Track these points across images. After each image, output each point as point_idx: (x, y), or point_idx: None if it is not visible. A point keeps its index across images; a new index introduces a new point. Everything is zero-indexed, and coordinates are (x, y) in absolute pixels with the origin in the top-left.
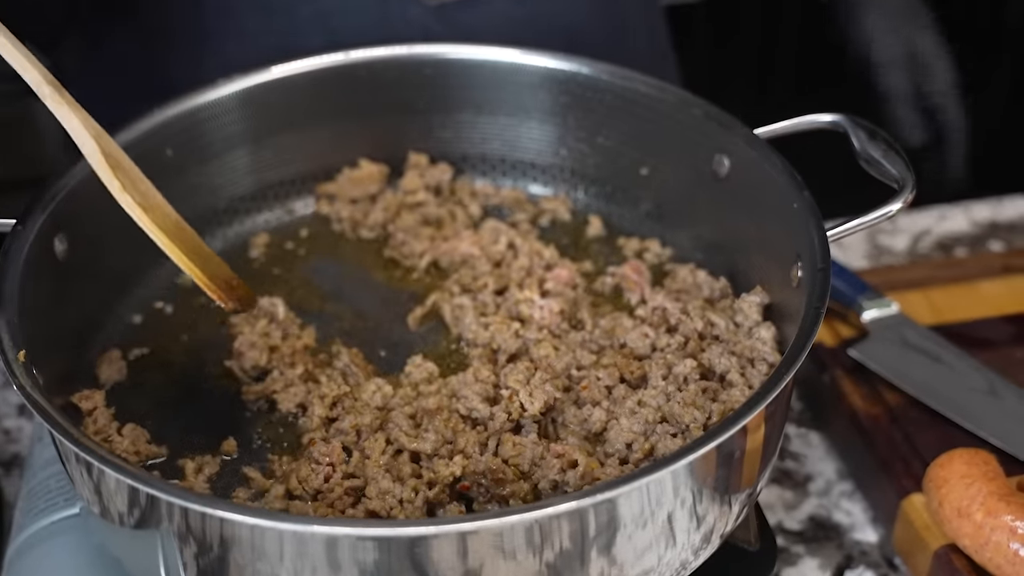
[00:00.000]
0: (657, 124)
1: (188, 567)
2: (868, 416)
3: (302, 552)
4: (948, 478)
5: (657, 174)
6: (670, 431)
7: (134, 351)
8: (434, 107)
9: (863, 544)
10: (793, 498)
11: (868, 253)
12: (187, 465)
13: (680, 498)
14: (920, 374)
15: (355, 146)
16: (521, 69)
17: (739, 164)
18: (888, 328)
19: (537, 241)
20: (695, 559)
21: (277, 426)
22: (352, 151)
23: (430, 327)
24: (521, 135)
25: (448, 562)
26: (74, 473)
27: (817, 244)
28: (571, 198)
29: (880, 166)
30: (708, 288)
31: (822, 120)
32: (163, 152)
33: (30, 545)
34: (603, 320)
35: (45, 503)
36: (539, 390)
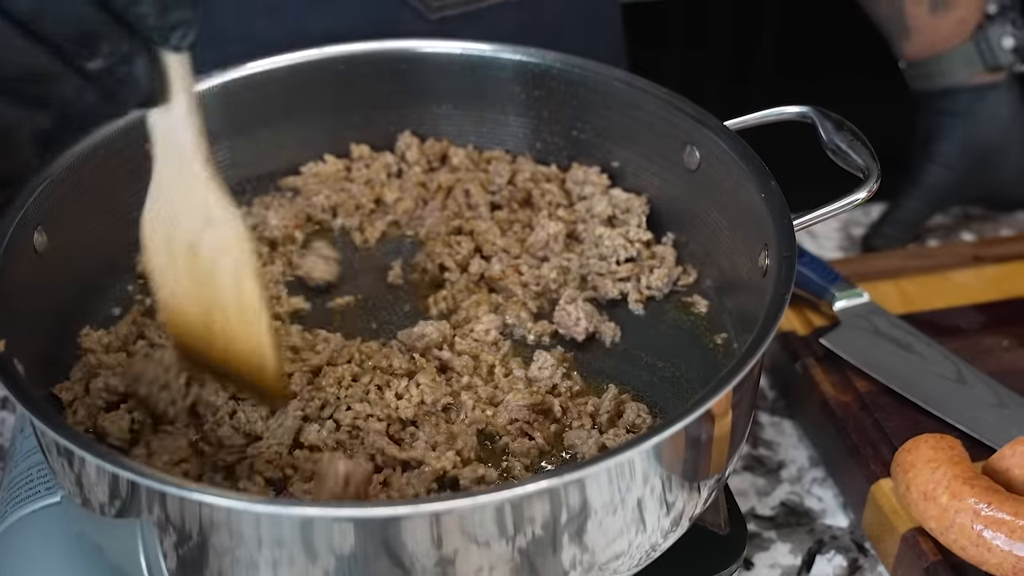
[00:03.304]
0: (629, 117)
1: (168, 556)
2: (839, 403)
3: (278, 537)
4: (915, 462)
5: (629, 166)
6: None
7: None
8: (411, 101)
9: (834, 529)
10: (766, 485)
11: (841, 244)
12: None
13: (648, 481)
14: (890, 361)
15: (332, 141)
16: (495, 63)
17: (709, 155)
18: (859, 317)
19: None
20: (664, 541)
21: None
22: (328, 146)
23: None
24: (497, 128)
25: (422, 547)
26: (54, 463)
27: (783, 232)
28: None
29: (846, 156)
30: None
31: (790, 111)
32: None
33: (12, 533)
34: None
35: (27, 492)
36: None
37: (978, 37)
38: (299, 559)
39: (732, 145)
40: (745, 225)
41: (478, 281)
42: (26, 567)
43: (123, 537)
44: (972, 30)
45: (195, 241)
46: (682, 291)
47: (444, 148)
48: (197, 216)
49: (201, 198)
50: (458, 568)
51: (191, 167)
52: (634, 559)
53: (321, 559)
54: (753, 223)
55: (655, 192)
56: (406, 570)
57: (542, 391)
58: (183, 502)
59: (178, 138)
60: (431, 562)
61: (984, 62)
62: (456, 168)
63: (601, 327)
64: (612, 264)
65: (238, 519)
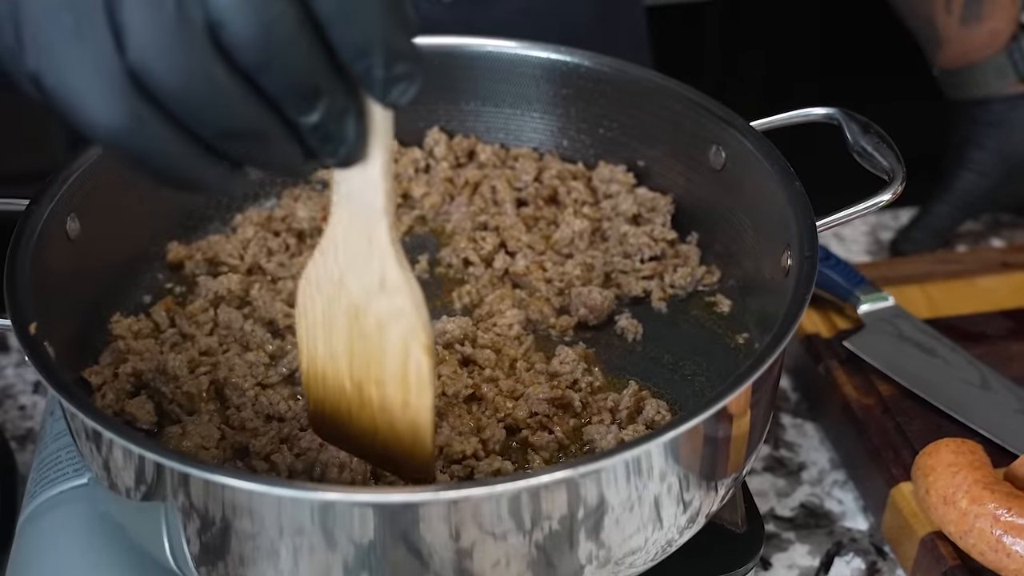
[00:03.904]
0: (656, 116)
1: (191, 541)
2: (861, 406)
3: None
4: (935, 466)
5: (655, 165)
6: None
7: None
8: (439, 97)
9: (853, 531)
10: (786, 486)
11: (869, 248)
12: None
13: (665, 477)
14: (913, 366)
15: None
16: (524, 61)
17: (735, 155)
18: (883, 320)
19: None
20: (680, 537)
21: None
22: None
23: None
24: (524, 126)
25: (440, 539)
26: (83, 446)
27: (806, 233)
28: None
29: (872, 158)
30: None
31: (816, 113)
32: None
33: (40, 513)
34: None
35: (55, 473)
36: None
37: (1011, 48)
38: (319, 547)
39: (758, 145)
40: (769, 225)
41: (502, 276)
42: (51, 547)
43: (147, 520)
44: (1005, 41)
45: (363, 306)
46: (705, 290)
47: (472, 145)
48: (371, 281)
49: (379, 263)
50: (475, 561)
51: (375, 230)
52: (650, 554)
53: (340, 548)
54: (777, 224)
55: (680, 191)
56: (424, 561)
57: (562, 385)
58: (207, 486)
59: (367, 198)
60: (448, 554)
61: (1018, 73)
62: (483, 165)
63: (622, 322)
64: (636, 262)
65: (260, 503)
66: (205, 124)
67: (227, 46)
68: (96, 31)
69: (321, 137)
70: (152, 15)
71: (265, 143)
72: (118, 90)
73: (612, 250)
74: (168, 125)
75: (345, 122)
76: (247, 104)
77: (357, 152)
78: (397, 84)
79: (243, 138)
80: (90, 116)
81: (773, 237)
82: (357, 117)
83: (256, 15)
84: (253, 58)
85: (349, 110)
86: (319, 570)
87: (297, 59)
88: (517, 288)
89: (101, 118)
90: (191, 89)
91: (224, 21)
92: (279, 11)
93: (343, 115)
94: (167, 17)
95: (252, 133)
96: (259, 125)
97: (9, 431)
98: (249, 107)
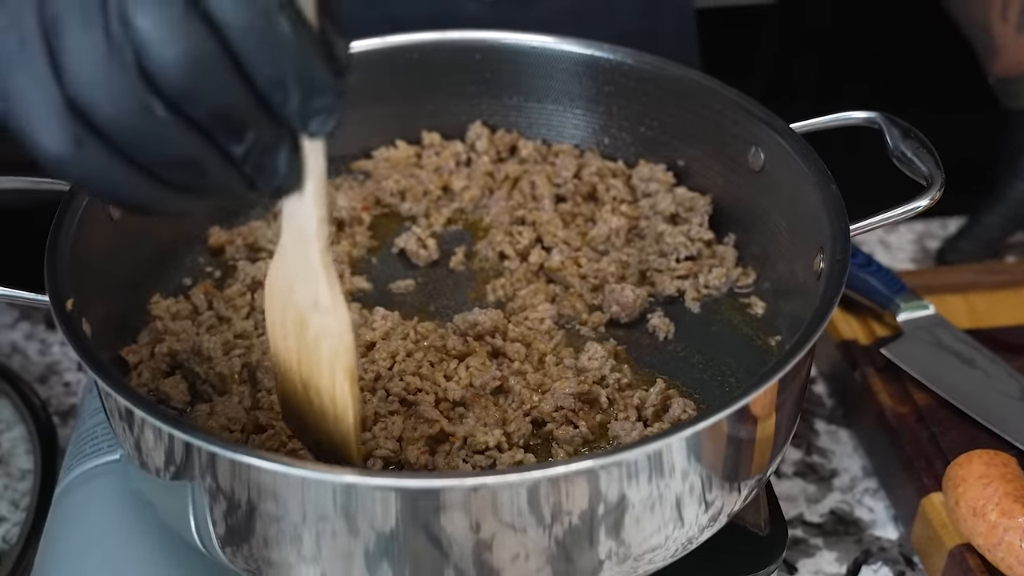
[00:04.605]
0: (697, 115)
1: (217, 523)
2: (895, 414)
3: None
4: (966, 477)
5: (695, 165)
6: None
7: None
8: (483, 92)
9: (883, 540)
10: (816, 492)
11: (915, 256)
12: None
13: (687, 474)
14: (951, 375)
15: (404, 128)
16: (567, 57)
17: (773, 157)
18: (922, 329)
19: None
20: (701, 535)
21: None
22: (400, 132)
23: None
24: (566, 122)
25: (459, 529)
26: (115, 424)
27: (839, 236)
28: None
29: (911, 163)
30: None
31: (857, 116)
32: None
33: (74, 486)
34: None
35: (91, 448)
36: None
37: None
38: (340, 531)
39: (796, 147)
40: (804, 228)
41: (537, 271)
42: (83, 519)
43: (175, 499)
44: None
45: (306, 319)
46: (740, 292)
47: (514, 140)
48: (309, 297)
49: (314, 283)
50: (495, 553)
51: (309, 252)
52: (669, 551)
53: (361, 533)
54: (812, 226)
55: (719, 192)
56: (443, 551)
57: (589, 381)
58: (233, 466)
59: (302, 222)
60: (468, 544)
61: None
62: (524, 160)
63: (654, 320)
64: (672, 261)
65: (283, 484)
66: (142, 151)
67: (154, 77)
68: (36, 60)
69: (254, 168)
70: (84, 46)
71: (202, 171)
72: (57, 118)
73: (648, 248)
74: (107, 151)
75: (277, 154)
76: (179, 133)
77: (291, 182)
78: (314, 117)
79: (180, 166)
80: (35, 141)
81: (808, 240)
82: (290, 149)
83: (175, 47)
84: (177, 89)
85: (280, 142)
86: (341, 555)
87: (218, 90)
88: (551, 283)
89: (44, 144)
90: (125, 118)
91: (149, 53)
92: (197, 43)
93: (274, 147)
94: (98, 49)
95: (187, 161)
96: (193, 153)
97: (53, 406)
98: (181, 136)
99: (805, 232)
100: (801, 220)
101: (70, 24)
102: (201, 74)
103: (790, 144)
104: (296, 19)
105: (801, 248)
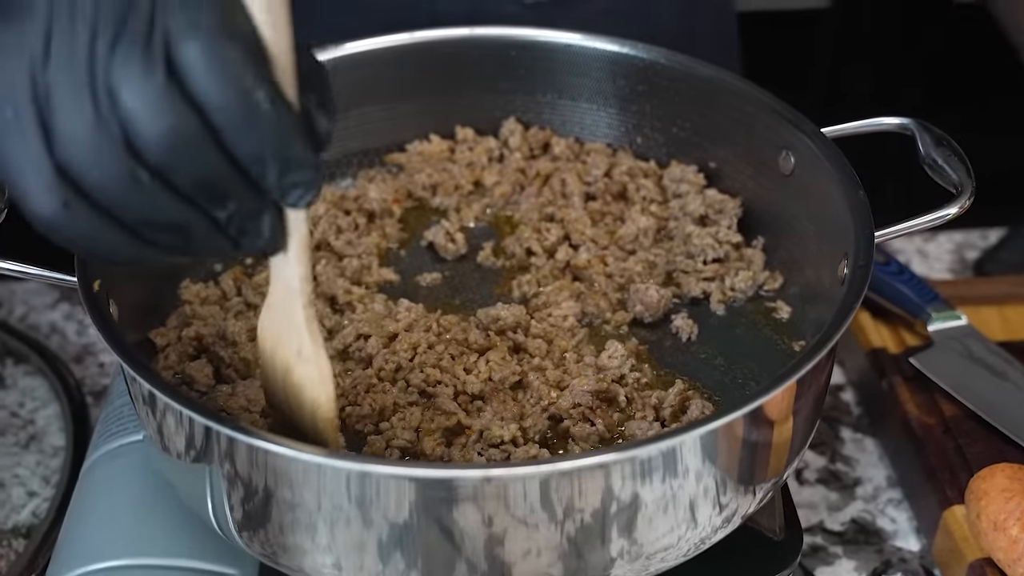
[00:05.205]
0: (729, 117)
1: (235, 508)
2: (921, 424)
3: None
4: (988, 491)
5: (726, 167)
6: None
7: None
8: (517, 89)
9: (903, 552)
10: (839, 500)
11: (952, 266)
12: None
13: (701, 476)
14: (980, 387)
15: (439, 122)
16: (601, 56)
17: (803, 161)
18: (953, 339)
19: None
20: (714, 536)
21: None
22: (434, 126)
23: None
24: (600, 121)
25: (472, 523)
26: (139, 408)
27: (863, 242)
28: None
29: (942, 171)
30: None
31: (890, 123)
32: None
33: (100, 464)
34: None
35: (117, 427)
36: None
37: None
38: (354, 520)
39: (826, 152)
40: (832, 234)
41: (563, 268)
42: (106, 496)
43: (194, 483)
44: None
45: (292, 365)
46: (767, 296)
47: (547, 137)
48: (294, 345)
49: (297, 334)
50: (506, 547)
51: (293, 306)
52: (682, 550)
53: (375, 523)
54: (838, 232)
55: (749, 195)
56: (455, 545)
57: (608, 379)
58: (251, 453)
59: (286, 277)
60: (480, 539)
61: None
62: (557, 158)
63: (678, 321)
64: (699, 263)
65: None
66: (127, 214)
67: (138, 150)
68: (28, 129)
69: (238, 230)
70: (74, 118)
71: (187, 234)
72: (47, 182)
73: (676, 249)
74: (95, 214)
75: (260, 219)
76: (164, 199)
77: (275, 245)
78: (293, 190)
79: (165, 228)
80: (26, 203)
81: (834, 245)
82: (273, 214)
83: (158, 123)
84: (161, 160)
85: (264, 209)
86: (354, 544)
87: (199, 163)
88: (577, 281)
89: (34, 205)
90: (112, 185)
91: (133, 127)
92: (179, 120)
93: (258, 212)
94: (86, 121)
95: (172, 225)
96: (177, 218)
97: (87, 386)
98: (166, 202)
99: (832, 237)
100: (828, 225)
101: (62, 96)
102: (183, 148)
103: (820, 148)
104: (275, 97)
105: (828, 253)
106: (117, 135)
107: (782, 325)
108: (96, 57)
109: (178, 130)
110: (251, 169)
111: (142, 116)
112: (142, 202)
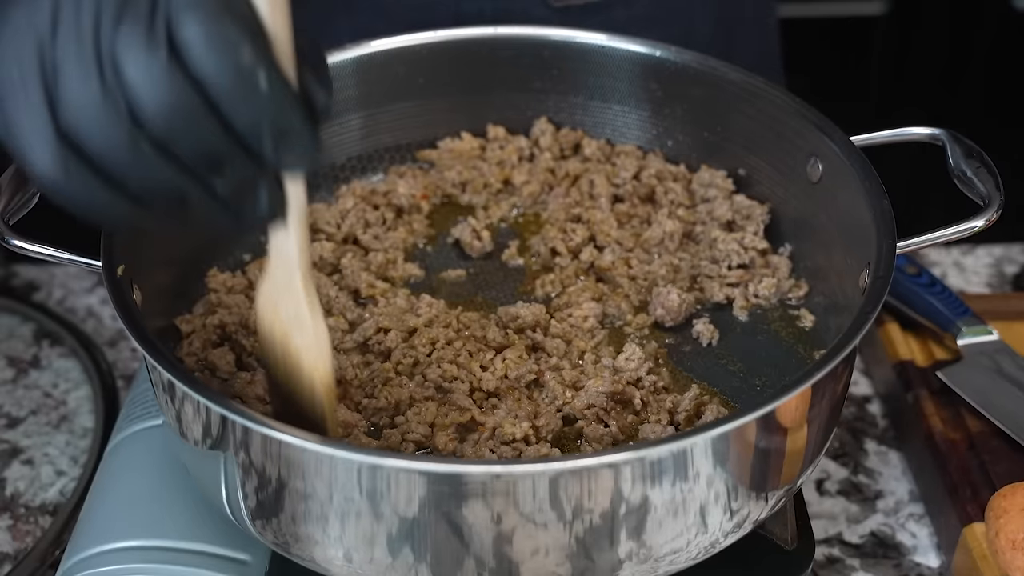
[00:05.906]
0: (759, 123)
1: (248, 497)
2: (945, 439)
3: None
4: (1008, 509)
5: (755, 173)
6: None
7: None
8: (549, 89)
9: (922, 567)
10: (859, 512)
11: (990, 280)
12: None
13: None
14: (1008, 404)
15: (470, 120)
16: (633, 58)
17: (831, 169)
18: (983, 355)
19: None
20: (725, 540)
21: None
22: (466, 124)
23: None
24: (631, 123)
25: (481, 520)
26: (159, 395)
27: (885, 252)
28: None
29: (971, 183)
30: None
31: (920, 132)
32: None
33: (122, 446)
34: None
35: (140, 411)
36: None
37: None
38: (365, 512)
39: (854, 160)
40: (856, 243)
41: (587, 269)
42: (125, 478)
43: (209, 470)
44: None
45: (289, 332)
46: (791, 303)
47: (578, 138)
48: (292, 313)
49: (295, 302)
50: (515, 546)
51: (292, 275)
52: (691, 554)
53: (385, 517)
54: (862, 241)
55: (777, 202)
56: (464, 541)
57: (623, 381)
58: (265, 442)
59: (286, 248)
60: (489, 536)
61: None
62: (587, 159)
63: (699, 326)
64: (723, 268)
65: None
66: (127, 181)
67: (141, 120)
68: (33, 92)
69: (238, 202)
70: (79, 89)
71: (184, 201)
72: (49, 146)
73: (701, 254)
74: (95, 178)
75: (259, 189)
76: (162, 166)
77: (273, 215)
78: (288, 157)
79: (163, 194)
80: (29, 164)
81: (858, 255)
82: (272, 185)
83: (159, 97)
84: (162, 131)
85: (262, 179)
86: (365, 536)
87: (198, 134)
88: (600, 282)
89: (37, 167)
90: (114, 153)
91: (136, 100)
92: (179, 94)
93: (256, 183)
94: (92, 91)
95: (170, 192)
96: (176, 185)
97: (119, 370)
98: (164, 169)
99: (856, 247)
100: (854, 234)
101: (68, 68)
102: (183, 120)
103: (847, 156)
104: (272, 72)
105: (852, 263)
106: (121, 106)
107: (804, 334)
108: (102, 34)
109: (179, 104)
110: (249, 140)
111: (145, 90)
112: (142, 169)
